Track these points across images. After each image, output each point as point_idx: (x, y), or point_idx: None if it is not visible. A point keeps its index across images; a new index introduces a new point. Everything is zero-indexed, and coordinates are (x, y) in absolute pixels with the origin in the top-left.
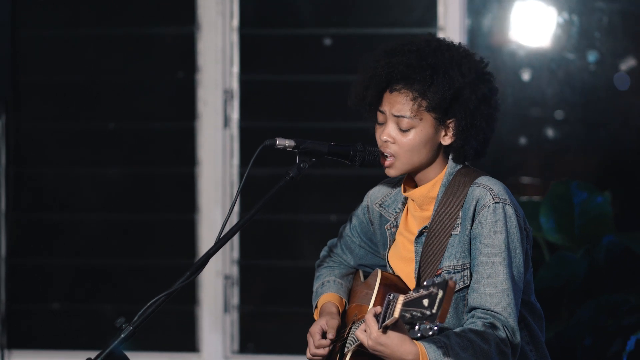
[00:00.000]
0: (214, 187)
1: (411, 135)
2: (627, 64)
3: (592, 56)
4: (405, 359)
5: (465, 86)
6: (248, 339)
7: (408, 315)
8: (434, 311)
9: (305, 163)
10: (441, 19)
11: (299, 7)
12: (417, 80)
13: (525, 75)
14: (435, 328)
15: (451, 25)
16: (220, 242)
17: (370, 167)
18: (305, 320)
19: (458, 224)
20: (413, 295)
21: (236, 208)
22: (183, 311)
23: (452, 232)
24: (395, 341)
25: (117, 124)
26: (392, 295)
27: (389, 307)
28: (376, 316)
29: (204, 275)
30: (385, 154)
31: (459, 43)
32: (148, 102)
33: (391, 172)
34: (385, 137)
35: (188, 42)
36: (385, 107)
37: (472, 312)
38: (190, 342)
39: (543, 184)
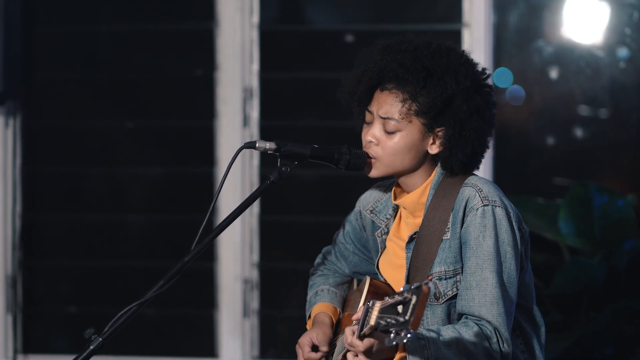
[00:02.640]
0: (234, 188)
1: (396, 138)
2: None
3: (622, 53)
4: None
5: (459, 94)
6: (268, 344)
7: (383, 322)
8: (406, 317)
9: (287, 167)
10: (466, 15)
11: (320, 3)
12: (410, 82)
13: (553, 73)
14: (409, 335)
15: (476, 21)
16: (196, 251)
17: (356, 171)
18: None
19: (449, 228)
20: (389, 301)
21: (255, 210)
22: (201, 316)
23: (443, 237)
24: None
25: (135, 123)
26: (371, 302)
27: (367, 314)
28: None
29: (222, 279)
30: (369, 155)
31: (463, 50)
32: (166, 100)
33: (371, 173)
34: (369, 138)
35: (207, 38)
36: (373, 106)
37: (462, 317)
38: (208, 347)
39: (572, 184)
